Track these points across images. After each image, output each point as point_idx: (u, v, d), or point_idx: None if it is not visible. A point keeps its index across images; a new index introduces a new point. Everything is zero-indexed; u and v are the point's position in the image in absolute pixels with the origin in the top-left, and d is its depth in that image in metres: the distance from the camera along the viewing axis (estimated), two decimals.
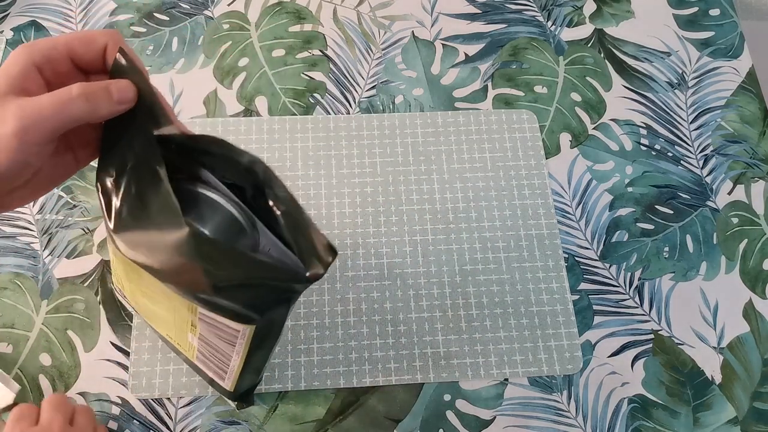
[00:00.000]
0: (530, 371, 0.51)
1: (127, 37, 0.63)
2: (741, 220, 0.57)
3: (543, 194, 0.57)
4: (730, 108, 0.62)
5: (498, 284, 0.54)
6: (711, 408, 0.51)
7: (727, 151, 0.60)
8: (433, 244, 0.55)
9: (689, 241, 0.56)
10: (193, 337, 0.38)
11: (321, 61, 0.62)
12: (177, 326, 0.39)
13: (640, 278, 0.55)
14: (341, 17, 0.65)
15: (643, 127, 0.61)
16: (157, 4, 0.64)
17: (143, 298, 0.39)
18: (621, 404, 0.51)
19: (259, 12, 0.65)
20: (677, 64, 0.64)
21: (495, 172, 0.58)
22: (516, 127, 0.60)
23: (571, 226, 0.57)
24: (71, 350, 0.50)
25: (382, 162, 0.58)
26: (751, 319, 0.54)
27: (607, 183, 0.58)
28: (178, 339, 0.41)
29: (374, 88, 0.61)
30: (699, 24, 0.66)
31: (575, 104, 0.62)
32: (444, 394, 0.51)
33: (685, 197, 0.58)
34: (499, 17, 0.66)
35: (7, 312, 0.51)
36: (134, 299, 0.42)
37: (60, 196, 0.56)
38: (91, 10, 0.64)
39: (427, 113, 0.60)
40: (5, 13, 0.63)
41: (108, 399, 0.49)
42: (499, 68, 0.63)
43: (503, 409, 0.50)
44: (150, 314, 0.42)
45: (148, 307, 0.40)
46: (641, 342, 0.53)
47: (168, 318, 0.39)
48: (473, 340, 0.52)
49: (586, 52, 0.64)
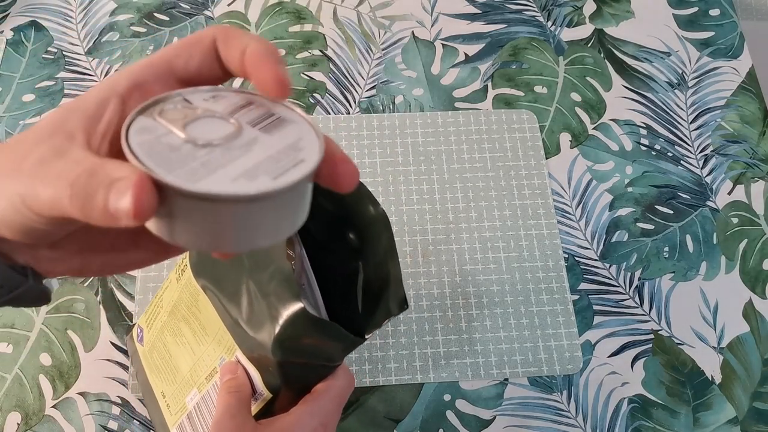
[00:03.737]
0: (530, 371, 0.51)
1: (127, 37, 0.63)
2: (741, 220, 0.57)
3: (543, 194, 0.57)
4: (730, 108, 0.62)
5: (498, 284, 0.54)
6: (711, 408, 0.51)
7: (727, 151, 0.60)
8: (433, 244, 0.55)
9: (689, 241, 0.56)
10: (197, 393, 0.37)
11: (321, 61, 0.62)
12: (186, 379, 0.38)
13: (640, 278, 0.55)
14: (341, 17, 0.65)
15: (643, 127, 0.61)
16: (157, 4, 0.65)
17: (173, 337, 0.39)
18: (621, 404, 0.51)
19: (259, 12, 0.65)
20: (677, 64, 0.64)
21: (495, 172, 0.58)
22: (516, 127, 0.60)
23: (571, 226, 0.57)
24: (71, 350, 0.50)
25: (382, 162, 0.58)
26: (751, 319, 0.54)
27: (607, 183, 0.58)
28: (174, 396, 0.40)
29: (374, 88, 0.61)
30: (699, 24, 0.66)
31: (575, 104, 0.62)
32: (444, 394, 0.51)
33: (685, 197, 0.58)
34: (499, 17, 0.66)
35: (7, 312, 0.51)
36: (156, 340, 0.41)
37: None
38: (91, 10, 0.64)
39: (427, 113, 0.60)
40: (5, 13, 0.63)
41: (108, 399, 0.49)
42: (499, 68, 0.63)
43: (503, 409, 0.50)
44: (159, 363, 0.41)
45: (168, 350, 0.40)
46: (641, 342, 0.53)
47: (183, 367, 0.38)
48: (473, 340, 0.52)
49: (586, 52, 0.64)
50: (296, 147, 0.20)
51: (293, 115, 0.22)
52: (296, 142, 0.21)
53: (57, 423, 0.48)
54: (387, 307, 0.32)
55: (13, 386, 0.49)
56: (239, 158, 0.19)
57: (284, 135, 0.21)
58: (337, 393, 0.35)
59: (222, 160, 0.19)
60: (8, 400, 0.48)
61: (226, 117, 0.21)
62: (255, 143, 0.20)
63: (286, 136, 0.21)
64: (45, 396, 0.49)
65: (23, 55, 0.61)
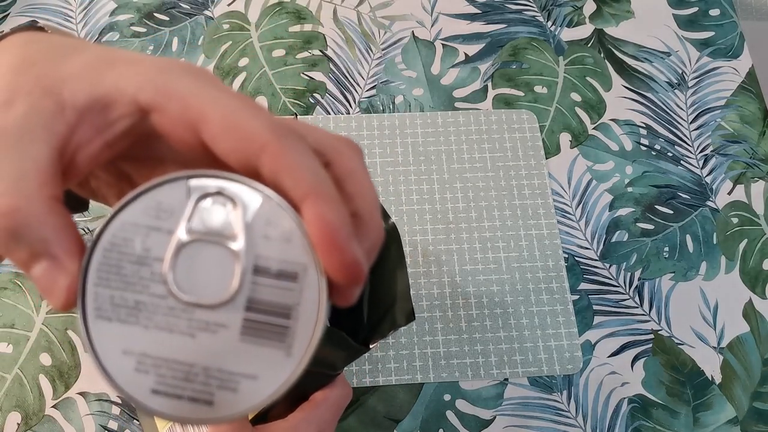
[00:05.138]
0: (530, 371, 0.51)
1: (127, 37, 0.63)
2: (741, 220, 0.57)
3: (543, 194, 0.57)
4: (730, 108, 0.62)
5: (498, 284, 0.54)
6: (711, 408, 0.51)
7: (727, 151, 0.60)
8: (433, 244, 0.55)
9: (689, 241, 0.56)
10: None
11: (321, 61, 0.62)
12: None
13: (640, 278, 0.55)
14: (341, 17, 0.65)
15: (643, 127, 0.61)
16: (157, 4, 0.65)
17: None
18: (621, 404, 0.51)
19: (259, 12, 0.65)
20: (677, 64, 0.64)
21: (495, 172, 0.58)
22: (516, 127, 0.60)
23: (571, 226, 0.57)
24: (71, 350, 0.50)
25: (382, 162, 0.58)
26: (751, 319, 0.54)
27: (607, 183, 0.58)
28: None
29: (374, 88, 0.61)
30: (699, 24, 0.66)
31: (575, 104, 0.62)
32: (444, 394, 0.51)
33: (685, 197, 0.58)
34: (499, 17, 0.66)
35: (7, 312, 0.51)
36: None
37: None
38: (91, 10, 0.64)
39: (427, 113, 0.60)
40: (5, 13, 0.63)
41: (108, 399, 0.49)
42: (499, 68, 0.63)
43: (503, 409, 0.50)
44: None
45: None
46: (641, 342, 0.53)
47: None
48: (473, 340, 0.52)
49: (586, 52, 0.64)
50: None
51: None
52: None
53: (57, 423, 0.48)
54: (393, 318, 0.32)
55: (13, 386, 0.49)
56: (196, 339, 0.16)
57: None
58: (335, 403, 0.35)
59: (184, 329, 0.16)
60: (8, 400, 0.49)
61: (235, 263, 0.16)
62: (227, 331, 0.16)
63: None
64: (45, 396, 0.49)
65: None
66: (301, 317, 0.16)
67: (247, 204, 0.16)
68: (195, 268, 0.16)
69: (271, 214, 0.16)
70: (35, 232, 0.16)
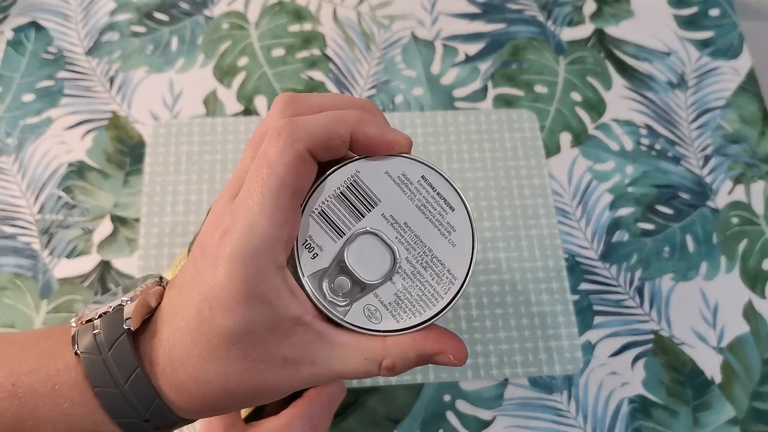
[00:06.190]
0: (530, 371, 0.51)
1: (127, 37, 0.63)
2: (741, 220, 0.57)
3: (543, 194, 0.57)
4: (730, 108, 0.62)
5: (498, 284, 0.54)
6: (711, 408, 0.51)
7: (727, 151, 0.60)
8: None
9: (689, 241, 0.56)
10: None
11: (321, 61, 0.62)
12: None
13: (640, 278, 0.55)
14: (341, 17, 0.65)
15: (643, 127, 0.61)
16: (157, 3, 0.64)
17: None
18: (621, 404, 0.51)
19: (259, 12, 0.64)
20: (677, 64, 0.64)
21: (495, 172, 0.58)
22: (516, 126, 0.60)
23: (572, 226, 0.57)
24: None
25: None
26: (751, 319, 0.54)
27: (608, 183, 0.58)
28: None
29: (374, 88, 0.61)
30: (699, 24, 0.66)
31: (575, 104, 0.62)
32: (444, 394, 0.51)
33: (685, 197, 0.58)
34: (499, 17, 0.66)
35: (7, 312, 0.51)
36: None
37: (59, 196, 0.56)
38: (91, 10, 0.64)
39: (427, 113, 0.60)
40: (5, 13, 0.63)
41: None
42: (499, 68, 0.63)
43: (503, 410, 0.50)
44: None
45: None
46: (641, 342, 0.53)
47: None
48: (473, 340, 0.52)
49: (586, 52, 0.64)
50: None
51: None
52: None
53: None
54: None
55: None
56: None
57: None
58: (328, 399, 0.35)
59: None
60: None
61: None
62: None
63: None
64: None
65: (23, 55, 0.61)
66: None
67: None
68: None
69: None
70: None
